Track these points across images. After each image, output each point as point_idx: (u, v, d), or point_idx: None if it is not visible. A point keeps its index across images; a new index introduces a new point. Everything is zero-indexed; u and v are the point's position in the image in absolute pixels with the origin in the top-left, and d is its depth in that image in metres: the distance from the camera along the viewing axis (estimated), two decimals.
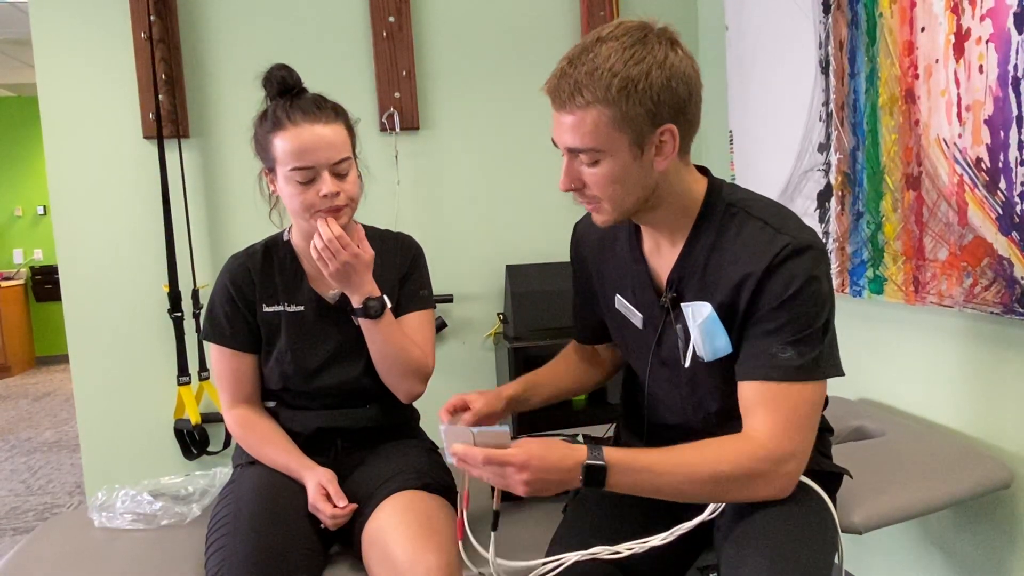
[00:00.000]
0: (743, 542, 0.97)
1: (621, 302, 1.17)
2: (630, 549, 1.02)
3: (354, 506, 1.22)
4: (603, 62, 0.92)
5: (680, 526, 1.04)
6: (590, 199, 1.02)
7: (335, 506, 1.20)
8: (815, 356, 0.97)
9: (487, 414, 1.19)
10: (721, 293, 1.02)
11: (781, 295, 0.96)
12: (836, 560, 1.00)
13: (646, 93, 0.92)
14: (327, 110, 1.27)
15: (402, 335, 1.33)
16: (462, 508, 1.12)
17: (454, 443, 0.96)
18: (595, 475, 0.92)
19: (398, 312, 1.41)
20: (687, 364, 1.07)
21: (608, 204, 1.01)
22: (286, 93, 1.28)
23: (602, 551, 1.03)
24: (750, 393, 0.99)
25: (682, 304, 1.06)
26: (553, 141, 1.01)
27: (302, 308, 1.35)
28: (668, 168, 0.99)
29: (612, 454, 0.94)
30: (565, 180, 1.01)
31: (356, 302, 1.28)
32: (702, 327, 1.03)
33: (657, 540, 1.03)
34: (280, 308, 1.35)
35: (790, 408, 0.96)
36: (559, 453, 0.93)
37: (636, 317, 1.14)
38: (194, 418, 2.26)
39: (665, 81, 0.93)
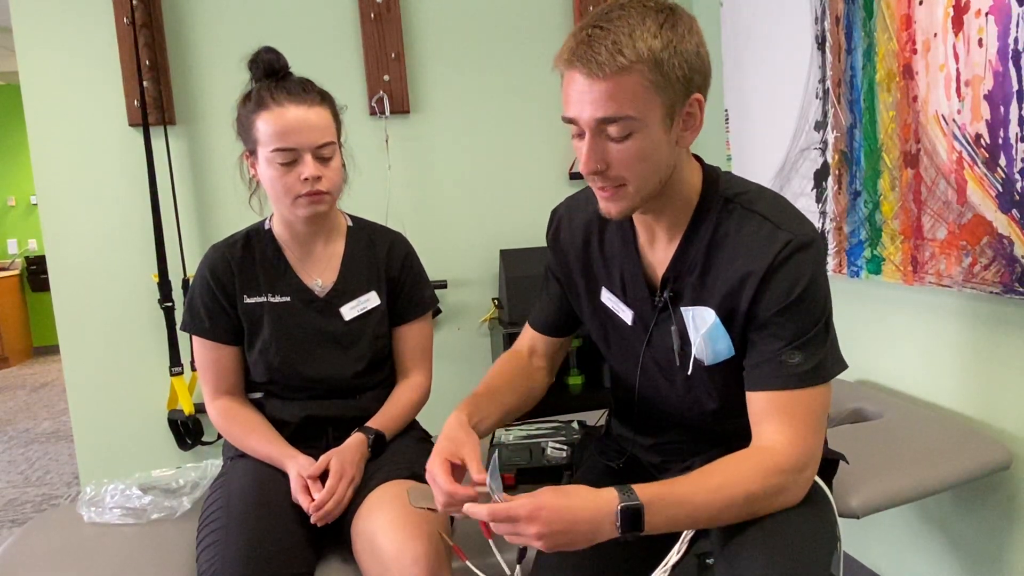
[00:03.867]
0: (740, 532, 0.95)
1: (608, 296, 1.13)
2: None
3: (331, 496, 1.18)
4: (639, 23, 0.87)
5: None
6: (612, 181, 0.94)
7: (314, 499, 1.17)
8: (822, 358, 0.96)
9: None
10: (720, 294, 0.99)
11: (785, 298, 0.94)
12: (836, 547, 0.99)
13: (684, 56, 0.89)
14: (313, 93, 1.26)
15: (402, 411, 1.37)
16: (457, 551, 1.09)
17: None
18: (633, 517, 0.86)
19: (401, 319, 1.41)
20: (689, 370, 1.04)
21: (633, 186, 0.93)
22: (272, 76, 1.26)
23: None
24: (762, 403, 0.97)
25: (682, 308, 1.02)
26: (569, 120, 0.93)
27: (288, 299, 1.33)
28: (680, 153, 0.97)
29: (645, 492, 0.87)
30: (590, 160, 0.91)
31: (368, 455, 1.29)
32: (706, 335, 1.01)
33: (675, 556, 1.01)
34: (263, 299, 1.32)
35: (804, 414, 0.95)
36: (576, 501, 0.86)
37: (625, 313, 1.10)
38: (187, 409, 2.24)
39: (696, 47, 0.91)
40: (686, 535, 1.02)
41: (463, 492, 0.93)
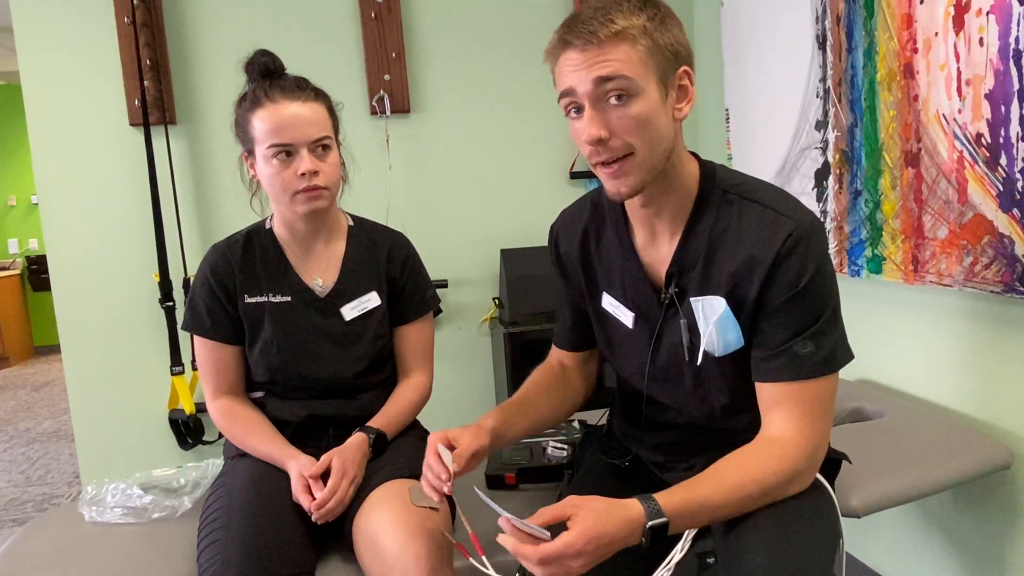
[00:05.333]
0: (742, 531, 0.96)
1: (609, 301, 1.13)
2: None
3: (332, 495, 1.18)
4: (624, 2, 0.93)
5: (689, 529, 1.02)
6: (616, 152, 0.93)
7: (315, 498, 1.17)
8: (833, 347, 0.97)
9: (474, 451, 1.06)
10: (727, 284, 0.99)
11: (794, 286, 0.95)
12: (839, 545, 0.99)
13: (670, 30, 0.94)
14: (307, 90, 1.27)
15: (403, 411, 1.36)
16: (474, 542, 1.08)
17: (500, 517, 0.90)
18: (659, 533, 0.89)
19: (402, 320, 1.41)
20: (699, 361, 1.04)
21: (639, 155, 0.93)
22: (267, 77, 1.27)
23: None
24: (772, 392, 0.98)
25: (691, 299, 1.03)
26: (566, 94, 0.94)
27: (288, 298, 1.33)
28: (677, 132, 0.98)
29: (668, 502, 0.89)
30: (595, 126, 0.92)
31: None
32: (717, 323, 1.01)
33: (678, 554, 1.01)
34: (263, 299, 1.32)
35: (813, 401, 0.97)
36: (614, 526, 0.86)
37: (626, 316, 1.10)
38: (188, 408, 2.24)
39: (679, 24, 0.96)
40: (688, 534, 1.02)
41: (439, 466, 1.02)
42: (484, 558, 1.04)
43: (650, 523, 0.88)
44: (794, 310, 0.95)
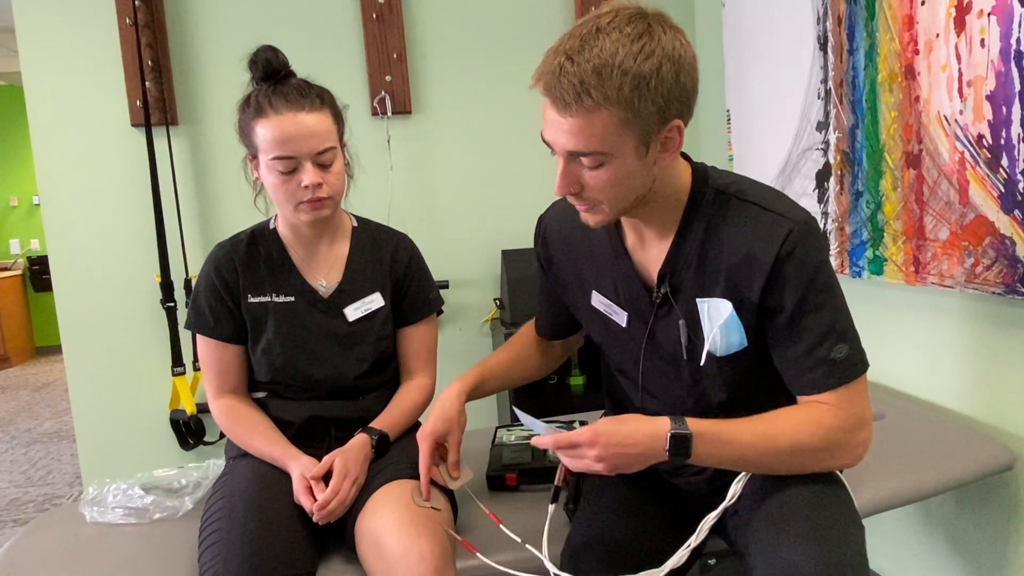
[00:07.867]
0: (777, 524, 0.94)
1: (599, 300, 1.13)
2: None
3: (334, 495, 1.18)
4: (611, 58, 0.84)
5: (707, 518, 1.02)
6: (587, 201, 0.97)
7: (317, 499, 1.17)
8: (859, 343, 0.98)
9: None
10: (725, 284, 0.99)
11: (802, 283, 0.94)
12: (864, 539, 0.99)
13: (658, 91, 0.87)
14: (311, 97, 1.24)
15: (406, 412, 1.36)
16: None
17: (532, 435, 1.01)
18: (681, 445, 0.92)
19: (406, 321, 1.41)
20: (702, 361, 1.04)
21: (608, 205, 0.96)
22: (271, 76, 1.25)
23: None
24: (815, 398, 1.00)
25: (698, 300, 1.03)
26: (545, 141, 0.94)
27: (292, 298, 1.33)
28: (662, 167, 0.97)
29: (696, 424, 0.93)
30: (563, 184, 0.94)
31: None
32: (723, 326, 1.01)
33: (695, 541, 1.01)
34: (267, 298, 1.32)
35: (852, 393, 0.98)
36: (630, 427, 0.93)
37: (619, 315, 1.11)
38: (189, 408, 2.25)
39: (675, 76, 0.87)
40: (704, 524, 1.02)
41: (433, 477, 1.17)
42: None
43: (673, 431, 0.91)
44: (811, 308, 0.95)
